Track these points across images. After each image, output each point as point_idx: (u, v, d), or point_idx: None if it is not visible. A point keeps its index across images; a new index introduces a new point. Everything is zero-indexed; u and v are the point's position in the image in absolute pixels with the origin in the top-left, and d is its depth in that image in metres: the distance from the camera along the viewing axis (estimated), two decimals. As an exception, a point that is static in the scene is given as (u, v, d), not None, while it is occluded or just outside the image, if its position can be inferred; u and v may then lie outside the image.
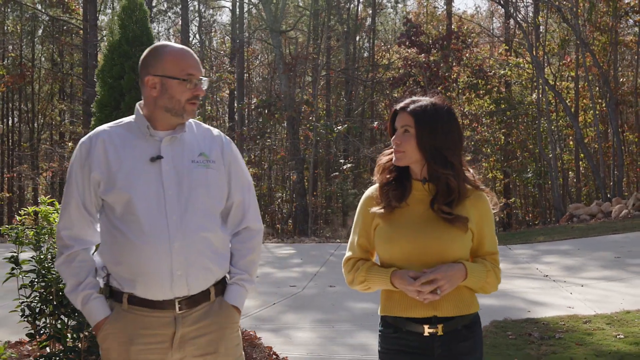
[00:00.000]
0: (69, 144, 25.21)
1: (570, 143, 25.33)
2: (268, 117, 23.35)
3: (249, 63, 30.30)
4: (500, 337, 5.70)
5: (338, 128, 22.27)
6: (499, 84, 24.72)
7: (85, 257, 2.38)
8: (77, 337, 3.75)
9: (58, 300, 3.72)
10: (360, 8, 29.33)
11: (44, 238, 3.79)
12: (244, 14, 28.00)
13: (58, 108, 29.40)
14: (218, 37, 33.42)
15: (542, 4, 23.18)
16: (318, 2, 25.12)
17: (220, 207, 2.43)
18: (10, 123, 28.91)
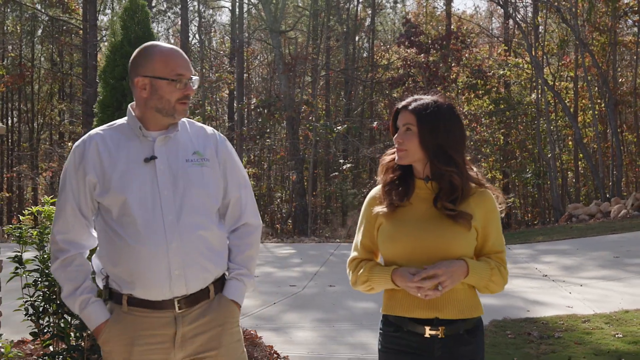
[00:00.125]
0: (69, 144, 25.22)
1: (569, 143, 25.34)
2: (268, 117, 23.37)
3: (249, 63, 30.29)
4: (500, 336, 5.73)
5: (338, 128, 22.31)
6: (498, 84, 24.74)
7: (82, 261, 2.37)
8: (80, 335, 3.78)
9: (61, 300, 3.75)
10: (360, 8, 29.34)
11: (48, 238, 3.80)
12: (244, 14, 28.00)
13: (57, 108, 29.43)
14: (218, 37, 33.45)
15: (541, 4, 23.19)
16: (317, 2, 25.13)
17: (217, 205, 2.42)
18: (10, 123, 28.90)
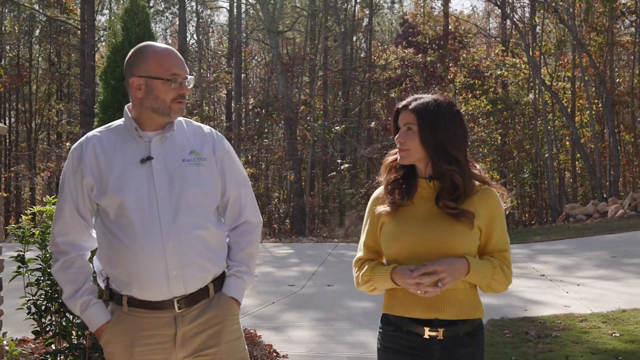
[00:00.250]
0: (67, 144, 25.21)
1: (567, 143, 25.36)
2: (265, 117, 23.37)
3: (247, 63, 30.27)
4: (498, 335, 5.76)
5: (335, 128, 22.34)
6: (496, 85, 24.76)
7: (82, 263, 2.39)
8: (81, 334, 3.80)
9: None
10: (357, 9, 29.39)
11: (49, 237, 3.83)
12: (242, 15, 28.00)
13: (55, 108, 29.40)
14: (215, 37, 33.42)
15: (538, 5, 23.24)
16: (315, 2, 25.17)
17: (214, 204, 2.41)
18: (8, 123, 28.85)
